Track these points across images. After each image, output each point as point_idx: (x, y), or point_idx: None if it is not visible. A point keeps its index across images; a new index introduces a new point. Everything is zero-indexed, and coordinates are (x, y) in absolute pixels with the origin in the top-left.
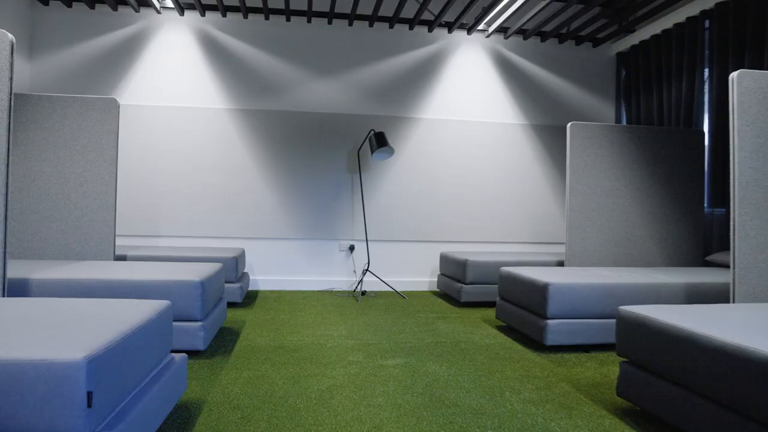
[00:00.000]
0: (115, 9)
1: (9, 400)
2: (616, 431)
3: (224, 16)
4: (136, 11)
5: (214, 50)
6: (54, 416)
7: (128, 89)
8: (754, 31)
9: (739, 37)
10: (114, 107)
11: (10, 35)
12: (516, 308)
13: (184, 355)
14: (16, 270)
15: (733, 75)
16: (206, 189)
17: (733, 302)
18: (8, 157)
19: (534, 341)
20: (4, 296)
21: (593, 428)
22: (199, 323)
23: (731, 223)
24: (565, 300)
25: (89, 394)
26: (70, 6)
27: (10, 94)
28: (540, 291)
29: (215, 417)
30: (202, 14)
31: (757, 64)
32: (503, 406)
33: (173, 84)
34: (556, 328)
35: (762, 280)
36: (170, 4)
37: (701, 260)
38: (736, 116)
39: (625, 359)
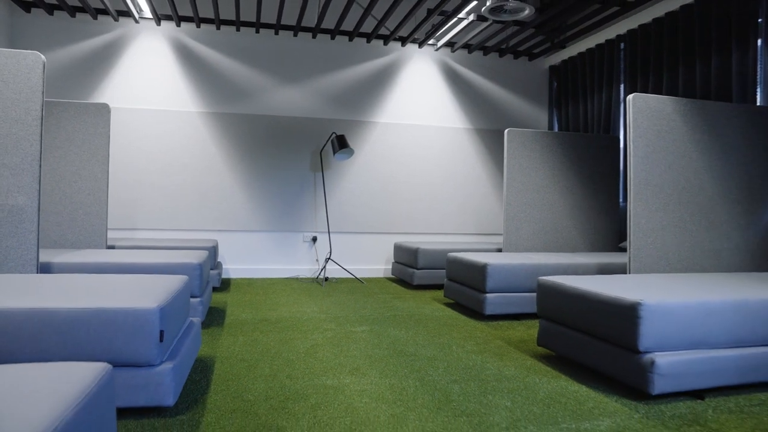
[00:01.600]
0: (95, 18)
1: (105, 336)
2: (534, 368)
3: (198, 26)
4: (116, 20)
5: (188, 58)
6: (137, 348)
7: (107, 93)
8: (655, 57)
9: (645, 60)
10: (106, 112)
11: (42, 57)
12: (461, 286)
13: (199, 318)
14: None
15: (629, 97)
16: (181, 186)
17: (629, 274)
18: (41, 158)
19: (476, 312)
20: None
21: (518, 366)
22: (199, 299)
23: (628, 213)
24: (501, 278)
25: (161, 333)
26: (51, 14)
27: (42, 106)
28: (480, 270)
29: (228, 365)
30: (178, 25)
31: (658, 84)
32: (451, 355)
33: (150, 88)
34: (494, 301)
35: (650, 258)
36: (148, 15)
37: (616, 246)
38: (631, 129)
39: (543, 317)
